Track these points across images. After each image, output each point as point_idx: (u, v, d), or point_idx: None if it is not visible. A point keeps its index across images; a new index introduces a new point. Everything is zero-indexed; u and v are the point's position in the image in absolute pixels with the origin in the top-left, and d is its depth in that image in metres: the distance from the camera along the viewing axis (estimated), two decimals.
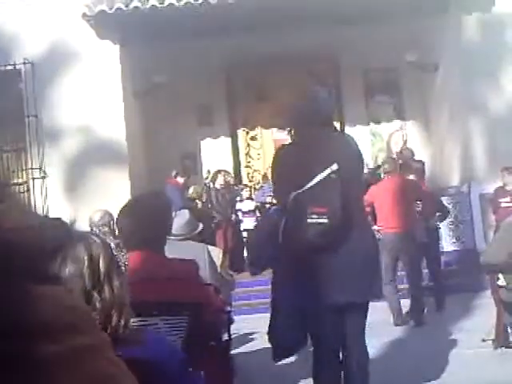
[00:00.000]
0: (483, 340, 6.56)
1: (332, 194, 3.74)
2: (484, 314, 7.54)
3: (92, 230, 5.53)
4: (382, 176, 9.18)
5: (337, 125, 13.35)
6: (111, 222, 5.50)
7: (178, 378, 2.19)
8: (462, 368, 6.05)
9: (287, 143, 4.36)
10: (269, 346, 7.76)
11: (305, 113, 4.17)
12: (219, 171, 11.82)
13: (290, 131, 4.24)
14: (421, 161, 11.31)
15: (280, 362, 6.91)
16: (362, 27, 11.18)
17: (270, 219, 4.28)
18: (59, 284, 1.06)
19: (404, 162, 10.81)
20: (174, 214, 5.30)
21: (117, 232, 4.37)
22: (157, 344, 2.17)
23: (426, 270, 9.14)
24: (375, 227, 8.58)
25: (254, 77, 13.15)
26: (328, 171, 3.75)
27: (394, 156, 11.48)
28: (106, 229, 5.59)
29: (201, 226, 5.32)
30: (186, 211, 5.50)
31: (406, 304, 8.88)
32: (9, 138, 10.92)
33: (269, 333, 4.11)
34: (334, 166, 3.76)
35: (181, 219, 5.14)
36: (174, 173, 11.34)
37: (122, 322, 2.01)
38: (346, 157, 3.90)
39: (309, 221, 3.66)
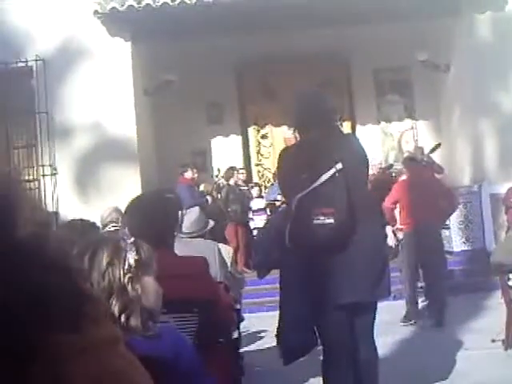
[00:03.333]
0: (493, 340, 6.53)
1: (337, 193, 3.73)
2: (494, 314, 7.51)
3: (103, 227, 5.52)
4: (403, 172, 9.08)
5: (348, 124, 13.39)
6: (120, 219, 5.47)
7: (192, 377, 2.20)
8: (472, 368, 6.02)
9: (291, 145, 4.35)
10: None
11: (305, 114, 4.17)
12: (233, 168, 11.82)
13: (294, 132, 4.23)
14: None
15: None
16: (373, 26, 11.14)
17: (276, 221, 4.27)
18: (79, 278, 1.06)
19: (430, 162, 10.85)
20: (184, 211, 5.32)
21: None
22: (173, 340, 2.19)
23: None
24: (398, 226, 8.56)
25: (265, 75, 13.13)
26: (333, 171, 3.74)
27: (407, 154, 11.44)
28: (114, 226, 5.54)
29: (211, 223, 5.31)
30: (197, 209, 5.50)
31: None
32: (20, 135, 10.96)
33: (277, 335, 4.10)
34: (339, 165, 3.74)
35: (191, 217, 5.14)
36: (183, 168, 11.33)
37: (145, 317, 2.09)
38: (349, 156, 3.87)
39: (315, 222, 3.65)
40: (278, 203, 11.85)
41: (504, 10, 10.52)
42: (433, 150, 11.46)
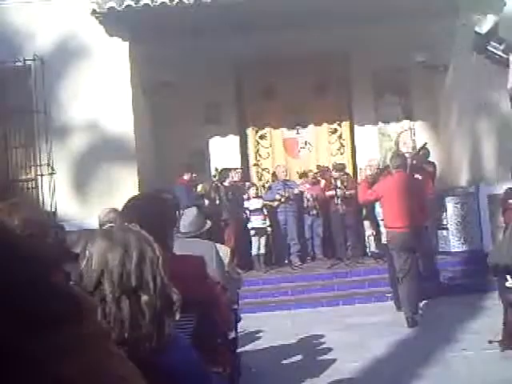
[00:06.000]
0: (490, 341, 6.54)
1: None
2: (491, 315, 7.53)
3: (100, 227, 5.51)
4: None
5: (346, 124, 13.41)
6: (117, 220, 5.45)
7: None
8: (469, 369, 6.04)
9: None
10: (275, 344, 7.80)
11: None
12: (229, 169, 11.82)
13: None
14: (433, 163, 11.32)
15: (285, 361, 6.96)
16: (372, 27, 11.13)
17: None
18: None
19: (418, 163, 10.83)
20: (182, 212, 5.32)
21: None
22: (181, 350, 2.15)
23: None
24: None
25: (264, 76, 13.12)
26: None
27: (407, 154, 11.44)
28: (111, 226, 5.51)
29: (209, 223, 5.31)
30: (194, 209, 5.49)
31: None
32: (18, 134, 10.95)
33: None
34: None
35: (188, 217, 5.14)
36: (184, 167, 11.43)
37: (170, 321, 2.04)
38: None
39: None
40: (275, 203, 11.88)
41: (502, 11, 10.53)
42: (419, 151, 11.51)
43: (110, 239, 2.04)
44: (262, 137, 13.59)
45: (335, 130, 13.55)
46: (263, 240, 11.62)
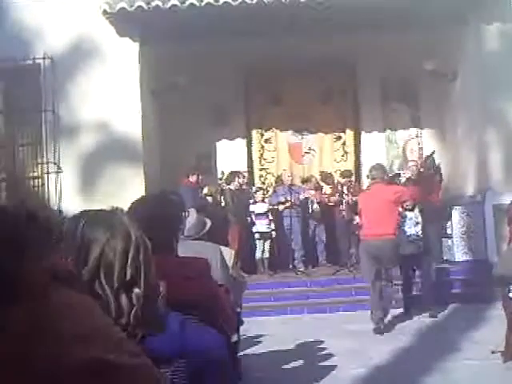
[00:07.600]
0: (492, 352, 6.52)
1: None
2: (494, 325, 7.50)
3: None
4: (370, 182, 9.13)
5: (350, 131, 13.40)
6: None
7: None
8: (470, 379, 6.02)
9: None
10: (275, 348, 7.80)
11: None
12: (235, 173, 11.81)
13: None
14: (439, 172, 11.33)
15: (286, 366, 6.95)
16: (380, 35, 11.14)
17: None
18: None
19: (425, 172, 10.81)
20: (186, 214, 5.30)
21: None
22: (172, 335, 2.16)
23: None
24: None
25: (271, 80, 13.13)
26: None
27: (413, 162, 11.43)
28: None
29: (209, 223, 5.28)
30: (193, 210, 5.46)
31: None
32: (26, 132, 10.98)
33: None
34: None
35: (189, 219, 5.13)
36: (192, 171, 11.45)
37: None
38: None
39: None
40: (281, 207, 11.87)
41: (511, 21, 10.52)
42: (426, 160, 11.53)
43: (111, 230, 2.03)
44: (266, 141, 13.59)
45: (339, 137, 13.54)
46: (267, 244, 11.62)
